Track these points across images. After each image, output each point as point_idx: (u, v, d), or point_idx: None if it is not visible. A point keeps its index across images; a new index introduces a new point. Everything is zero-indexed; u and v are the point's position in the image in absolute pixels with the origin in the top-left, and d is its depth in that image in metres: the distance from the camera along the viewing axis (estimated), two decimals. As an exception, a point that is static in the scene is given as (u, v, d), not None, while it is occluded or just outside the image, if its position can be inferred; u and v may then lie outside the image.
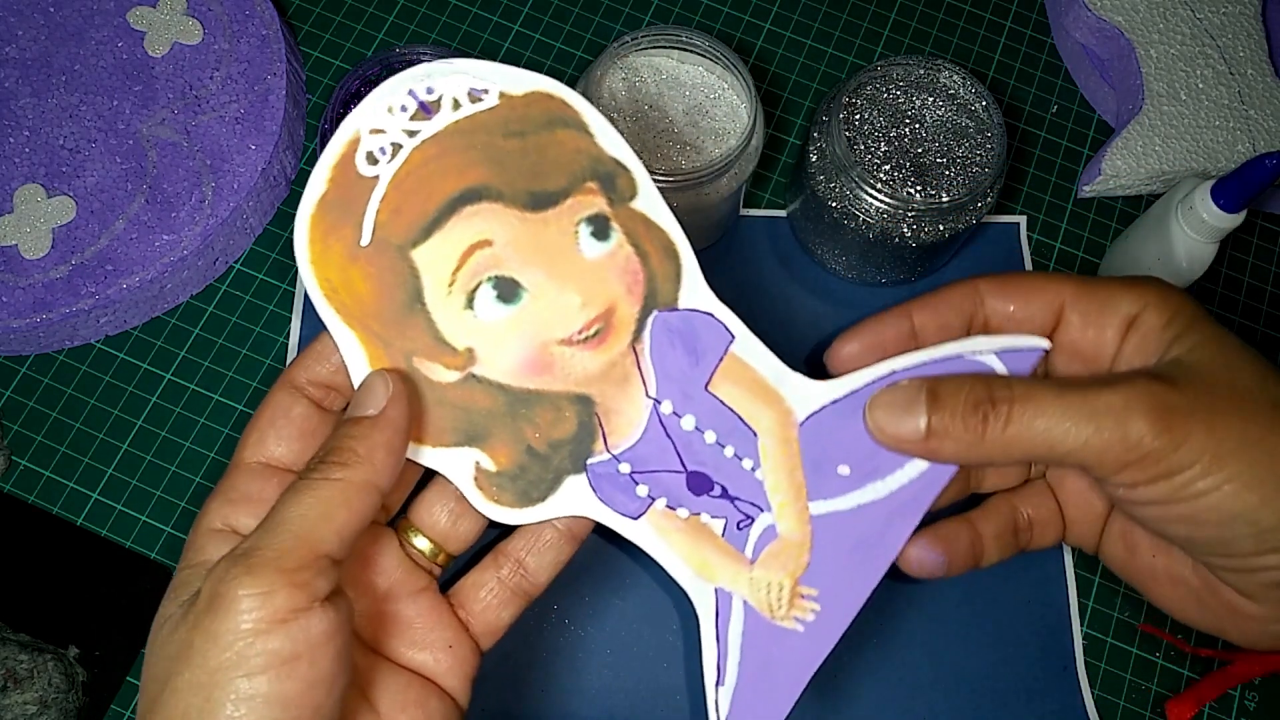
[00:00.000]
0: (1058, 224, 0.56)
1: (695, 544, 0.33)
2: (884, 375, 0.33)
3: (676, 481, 0.33)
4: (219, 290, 0.51)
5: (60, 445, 0.48)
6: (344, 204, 0.32)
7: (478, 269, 0.32)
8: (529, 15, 0.57)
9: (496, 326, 0.32)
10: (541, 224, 0.32)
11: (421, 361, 0.32)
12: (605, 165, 0.33)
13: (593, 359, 0.33)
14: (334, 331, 0.32)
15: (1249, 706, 0.48)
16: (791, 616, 0.33)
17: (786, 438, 0.33)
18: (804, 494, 0.33)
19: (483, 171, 0.32)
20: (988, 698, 0.46)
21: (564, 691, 0.46)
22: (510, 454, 0.32)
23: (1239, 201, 0.44)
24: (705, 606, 0.33)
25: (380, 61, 0.46)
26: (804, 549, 0.33)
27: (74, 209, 0.49)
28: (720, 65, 0.48)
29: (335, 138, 0.32)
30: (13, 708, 0.41)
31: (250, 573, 0.26)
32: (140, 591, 0.46)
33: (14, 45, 0.51)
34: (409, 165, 0.32)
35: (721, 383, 0.33)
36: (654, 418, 0.33)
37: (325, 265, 0.32)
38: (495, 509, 0.32)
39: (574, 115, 0.33)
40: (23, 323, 0.47)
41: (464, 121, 0.32)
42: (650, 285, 0.33)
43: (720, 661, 0.33)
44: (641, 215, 0.33)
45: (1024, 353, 0.32)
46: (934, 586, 0.48)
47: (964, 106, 0.48)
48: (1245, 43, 0.55)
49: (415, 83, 0.32)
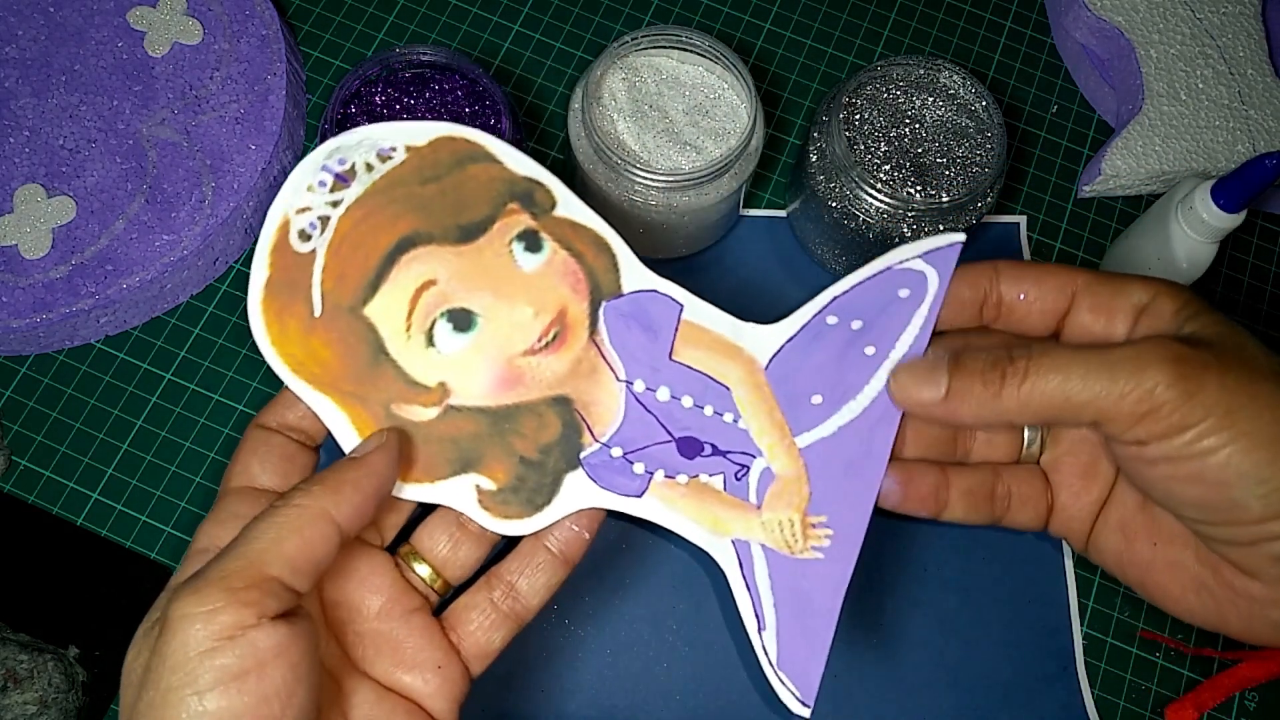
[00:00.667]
0: (1058, 224, 0.56)
1: (701, 504, 0.34)
2: (826, 304, 0.35)
3: (668, 451, 0.34)
4: (219, 290, 0.51)
5: (60, 445, 0.48)
6: (289, 283, 0.33)
7: (429, 308, 0.34)
8: (529, 15, 0.57)
9: (461, 356, 0.34)
10: (476, 252, 0.34)
11: (400, 407, 0.33)
12: (520, 185, 0.35)
13: (558, 361, 0.34)
14: (310, 401, 0.33)
15: (1249, 707, 0.48)
16: (809, 547, 0.34)
17: (757, 383, 0.35)
18: (788, 431, 0.35)
19: (410, 220, 0.34)
20: (988, 697, 0.46)
21: (564, 691, 0.46)
22: (506, 469, 0.34)
23: (1239, 201, 0.44)
24: (728, 560, 0.34)
25: (380, 61, 0.46)
26: (802, 481, 0.34)
27: (74, 209, 0.49)
28: (720, 65, 0.48)
29: (265, 225, 0.33)
30: (13, 708, 0.41)
31: (197, 593, 0.27)
32: (140, 591, 0.46)
33: (14, 45, 0.51)
34: (340, 232, 0.33)
35: (683, 349, 0.35)
36: (630, 398, 0.34)
37: (286, 343, 0.33)
38: (506, 524, 0.33)
39: (479, 149, 0.34)
40: (23, 323, 0.47)
41: (380, 181, 0.34)
42: (592, 280, 0.35)
43: (756, 607, 0.34)
44: (566, 220, 0.35)
45: (945, 250, 0.34)
46: (934, 587, 0.48)
47: (964, 106, 0.48)
48: (1245, 43, 0.55)
49: (326, 158, 0.34)
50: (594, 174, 0.46)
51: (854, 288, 0.35)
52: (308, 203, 0.33)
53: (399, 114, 0.47)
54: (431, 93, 0.47)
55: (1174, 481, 0.31)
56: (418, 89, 0.48)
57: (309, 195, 0.34)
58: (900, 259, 0.34)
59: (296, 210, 0.33)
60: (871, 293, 0.35)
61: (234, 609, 0.27)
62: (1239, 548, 0.31)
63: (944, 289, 0.34)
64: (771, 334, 0.35)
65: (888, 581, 0.48)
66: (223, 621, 0.27)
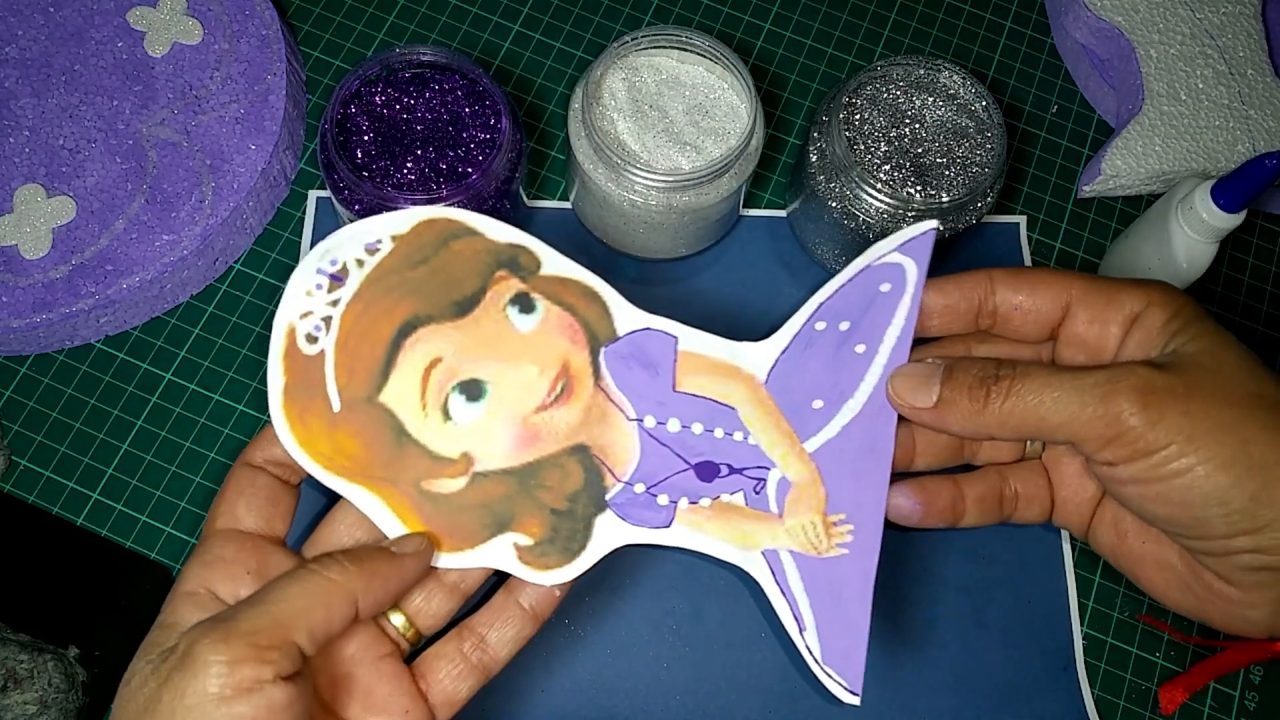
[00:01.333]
0: (1058, 224, 0.56)
1: (727, 523, 0.36)
2: (813, 311, 0.36)
3: (687, 478, 0.36)
4: (219, 290, 0.51)
5: (60, 445, 0.48)
6: (305, 385, 0.35)
7: (440, 384, 0.35)
8: (529, 15, 0.57)
9: (478, 424, 0.35)
10: (474, 323, 0.36)
11: (429, 483, 0.35)
12: (504, 252, 0.36)
13: (570, 411, 0.36)
14: (346, 493, 0.35)
15: (1249, 707, 0.48)
16: (834, 545, 0.36)
17: (760, 399, 0.36)
18: (796, 439, 0.36)
19: (407, 305, 0.35)
20: (988, 698, 0.46)
21: (564, 691, 0.46)
22: (539, 523, 0.35)
23: (1239, 201, 0.44)
24: (761, 572, 0.36)
25: (380, 61, 0.46)
26: (817, 484, 0.36)
27: (74, 209, 0.49)
28: (720, 65, 0.48)
29: (273, 336, 0.35)
30: (13, 708, 0.41)
31: (225, 640, 0.29)
32: (140, 591, 0.46)
33: (14, 45, 0.51)
34: (344, 329, 0.35)
35: (685, 379, 0.36)
36: (643, 435, 0.36)
37: (312, 442, 0.34)
38: (549, 575, 0.35)
39: (460, 225, 0.36)
40: (23, 323, 0.47)
41: (373, 273, 0.35)
42: (588, 329, 0.36)
43: (795, 611, 0.35)
44: (554, 277, 0.36)
45: (919, 239, 0.36)
46: (934, 587, 0.48)
47: (964, 106, 0.48)
48: (1245, 43, 0.55)
49: (318, 261, 0.35)
50: (594, 174, 0.46)
51: (837, 291, 0.36)
52: (308, 307, 0.35)
53: (399, 114, 0.47)
54: (431, 93, 0.47)
55: (1144, 500, 0.32)
56: (418, 89, 0.48)
57: (308, 300, 0.35)
58: (877, 255, 0.36)
59: (300, 315, 0.35)
60: (854, 293, 0.36)
61: (255, 665, 0.29)
62: (1212, 558, 0.33)
63: (923, 277, 0.35)
64: (766, 349, 0.37)
65: (888, 582, 0.48)
66: (244, 674, 0.28)
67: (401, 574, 0.33)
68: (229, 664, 0.28)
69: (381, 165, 0.46)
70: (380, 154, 0.46)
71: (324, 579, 0.31)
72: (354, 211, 0.45)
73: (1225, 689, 0.48)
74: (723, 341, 0.37)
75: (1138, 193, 0.55)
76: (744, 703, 0.46)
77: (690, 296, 0.52)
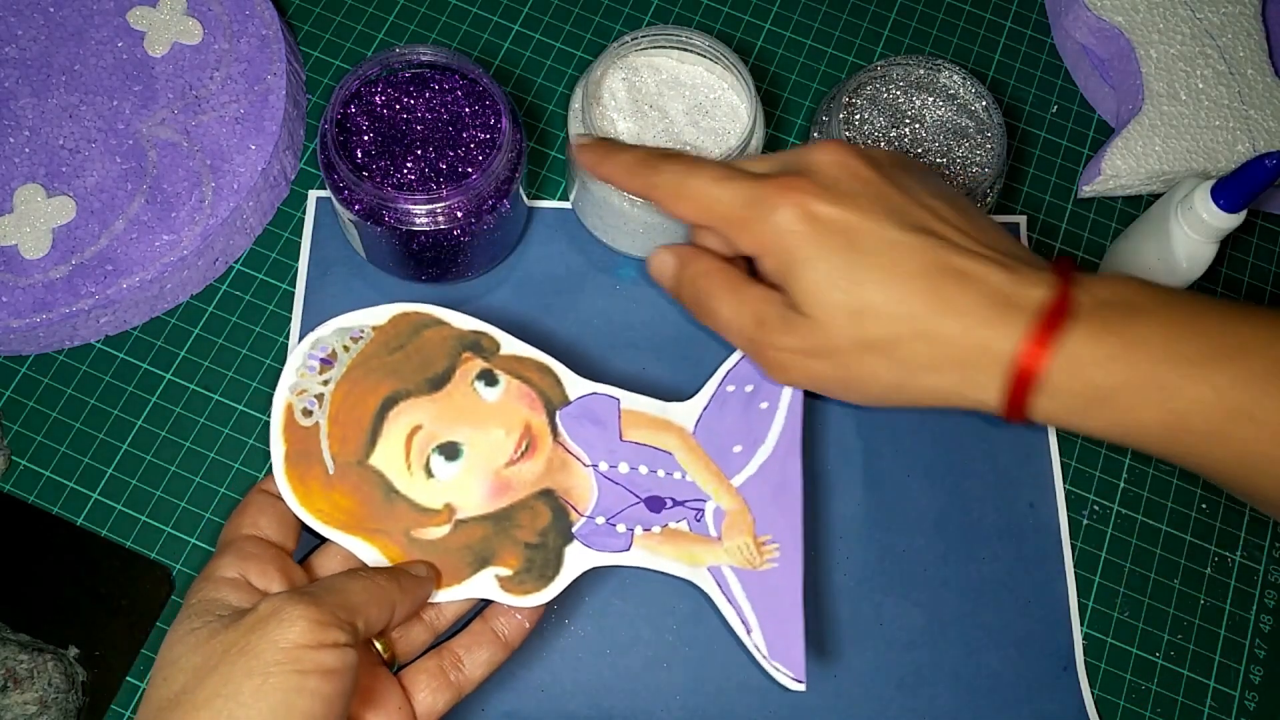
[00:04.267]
0: (1058, 224, 0.56)
1: (677, 545, 0.43)
2: (722, 378, 0.45)
3: (640, 510, 0.43)
4: (219, 290, 0.51)
5: (60, 445, 0.48)
6: (304, 453, 0.40)
7: (422, 448, 0.41)
8: (529, 15, 0.57)
9: (457, 480, 0.41)
10: (447, 397, 0.42)
11: (417, 531, 0.40)
12: (468, 338, 0.43)
13: (534, 464, 0.42)
14: (344, 544, 0.40)
15: (1249, 707, 0.48)
16: (765, 560, 0.43)
17: (690, 445, 0.44)
18: (723, 477, 0.44)
19: (388, 384, 0.42)
20: (988, 697, 0.46)
21: (564, 691, 0.46)
22: (516, 556, 0.41)
23: (1239, 201, 0.44)
24: (709, 585, 0.42)
25: (380, 61, 0.46)
26: (745, 512, 0.43)
27: (74, 209, 0.49)
28: (720, 65, 0.48)
29: (273, 411, 0.40)
30: (13, 708, 0.41)
31: (313, 605, 0.34)
32: (140, 591, 0.46)
33: (14, 45, 0.51)
34: (335, 404, 0.41)
35: (629, 430, 0.43)
36: (599, 477, 0.43)
37: (312, 501, 0.40)
38: (529, 598, 0.40)
39: (429, 317, 0.43)
40: (23, 323, 0.47)
41: (357, 358, 0.41)
42: (544, 397, 0.43)
43: (741, 616, 0.42)
44: (512, 356, 0.43)
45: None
46: (934, 586, 0.48)
47: (964, 106, 0.48)
48: (1245, 43, 0.55)
49: (309, 348, 0.41)
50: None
51: (740, 362, 0.44)
52: (304, 386, 0.41)
53: (399, 114, 0.47)
54: (431, 93, 0.47)
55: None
56: (418, 89, 0.48)
57: (302, 380, 0.41)
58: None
59: (296, 393, 0.41)
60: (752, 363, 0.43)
61: (335, 629, 0.33)
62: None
63: None
64: (690, 407, 0.44)
65: (887, 581, 0.48)
66: (327, 633, 0.33)
67: (424, 592, 0.39)
68: (316, 622, 0.33)
69: (381, 165, 0.46)
70: (380, 154, 0.46)
71: (377, 583, 0.36)
72: (354, 211, 0.45)
73: (1225, 689, 0.48)
74: (656, 402, 0.44)
75: (1138, 193, 0.55)
76: (744, 703, 0.46)
77: (690, 296, 0.52)
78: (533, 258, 0.52)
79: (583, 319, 0.51)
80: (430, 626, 0.41)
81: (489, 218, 0.46)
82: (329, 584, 0.36)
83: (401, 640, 0.41)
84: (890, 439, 0.50)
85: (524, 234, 0.52)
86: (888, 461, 0.50)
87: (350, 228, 0.47)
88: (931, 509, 0.49)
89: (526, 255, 0.52)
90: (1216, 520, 0.51)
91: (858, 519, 0.48)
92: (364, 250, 0.49)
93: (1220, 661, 0.48)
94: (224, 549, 0.38)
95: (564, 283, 0.52)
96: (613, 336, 0.51)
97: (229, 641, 0.33)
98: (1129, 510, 0.50)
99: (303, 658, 0.32)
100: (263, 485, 0.41)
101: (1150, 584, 0.49)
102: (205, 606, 0.35)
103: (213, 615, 0.34)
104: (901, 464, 0.50)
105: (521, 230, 0.52)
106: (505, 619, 0.41)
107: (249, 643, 0.32)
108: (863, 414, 0.50)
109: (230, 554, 0.37)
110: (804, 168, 0.39)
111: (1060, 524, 0.49)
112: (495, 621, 0.41)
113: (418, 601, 0.38)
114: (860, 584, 0.48)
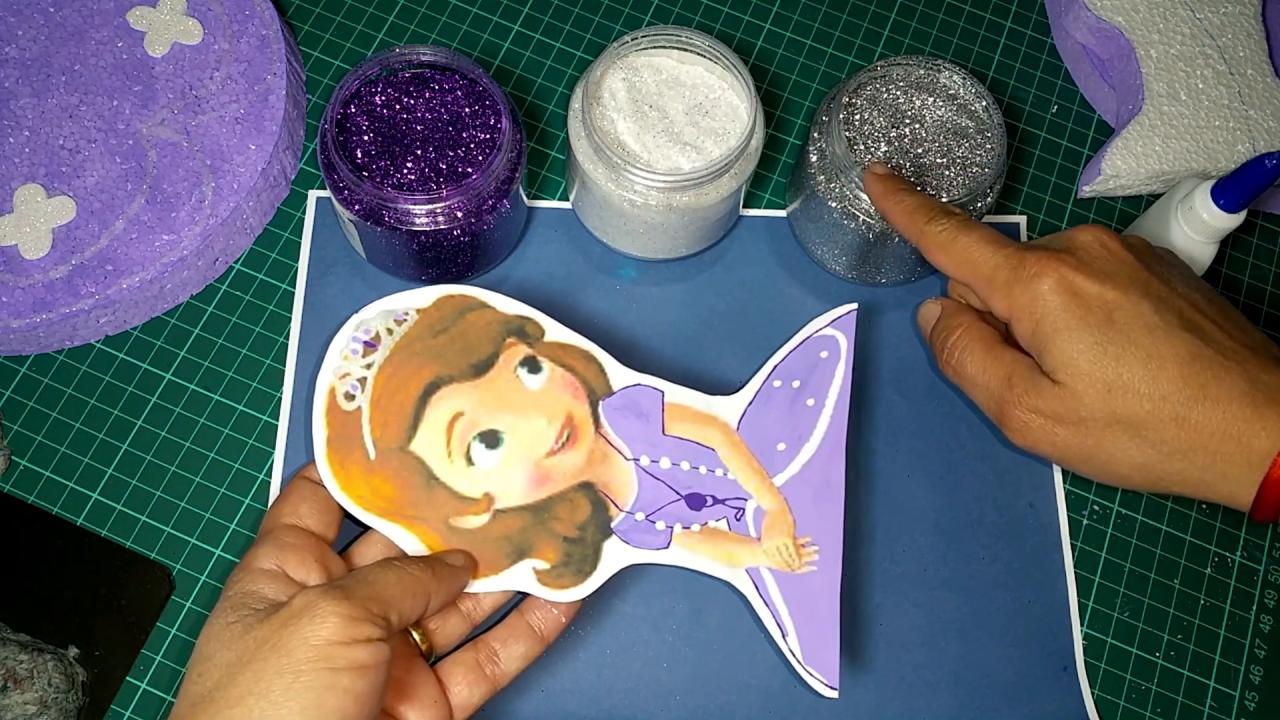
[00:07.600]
0: (1058, 224, 0.56)
1: (715, 545, 0.42)
2: (769, 373, 0.44)
3: (680, 507, 0.42)
4: (219, 290, 0.51)
5: (60, 445, 0.48)
6: (345, 438, 0.40)
7: (463, 435, 0.40)
8: (529, 15, 0.57)
9: (497, 468, 0.41)
10: (490, 383, 0.41)
11: (456, 519, 0.40)
12: (513, 323, 0.42)
13: (575, 455, 0.41)
14: (383, 530, 0.39)
15: (1249, 707, 0.48)
16: (804, 563, 0.42)
17: (734, 442, 0.43)
18: (765, 475, 0.43)
19: (431, 368, 0.41)
20: (988, 697, 0.46)
21: (564, 691, 0.46)
22: (554, 549, 0.40)
23: (1239, 201, 0.44)
24: (746, 586, 0.42)
25: (380, 61, 0.46)
26: (786, 512, 0.42)
27: (74, 209, 0.49)
28: (720, 65, 0.48)
29: (316, 395, 0.40)
30: (13, 708, 0.41)
31: (346, 600, 0.34)
32: (140, 591, 0.46)
33: (14, 45, 0.51)
34: (377, 389, 0.40)
35: (672, 425, 0.42)
36: (640, 472, 0.42)
37: (353, 487, 0.39)
38: (566, 593, 0.40)
39: (474, 300, 0.42)
40: (23, 323, 0.47)
41: (400, 340, 0.41)
42: (588, 386, 0.42)
43: (777, 619, 0.41)
44: (556, 343, 0.42)
45: (845, 316, 0.44)
46: (934, 586, 0.48)
47: (964, 106, 0.48)
48: (1245, 43, 0.55)
49: (354, 330, 0.41)
50: (594, 174, 0.46)
51: (787, 356, 0.44)
52: (346, 369, 0.40)
53: (399, 114, 0.47)
54: (431, 93, 0.47)
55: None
56: (418, 89, 0.48)
57: (346, 363, 0.40)
58: (816, 329, 0.44)
59: (339, 376, 0.40)
60: (800, 358, 0.44)
61: (368, 624, 0.33)
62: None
63: (852, 346, 0.44)
64: (735, 401, 0.43)
65: (888, 581, 0.48)
66: (360, 629, 0.33)
67: (460, 582, 0.38)
68: (349, 618, 0.33)
69: (381, 165, 0.46)
70: (380, 154, 0.46)
71: (411, 574, 0.36)
72: (354, 211, 0.45)
73: (1225, 689, 0.48)
74: (701, 395, 0.43)
75: (1138, 193, 0.55)
76: (744, 703, 0.46)
77: (690, 296, 0.52)
78: (533, 258, 0.52)
79: (582, 319, 0.51)
80: (467, 618, 0.41)
81: (489, 218, 0.46)
82: (362, 576, 0.36)
83: (438, 632, 0.41)
84: (890, 439, 0.50)
85: (524, 234, 0.52)
86: (888, 461, 0.50)
87: (350, 228, 0.47)
88: (931, 509, 0.49)
89: (526, 255, 0.52)
90: (1216, 520, 0.51)
91: (858, 519, 0.49)
92: (364, 250, 0.49)
93: (1220, 661, 0.48)
94: (263, 538, 0.38)
95: (564, 283, 0.52)
96: (612, 336, 0.51)
97: (262, 638, 0.33)
98: (1129, 510, 0.50)
99: (334, 655, 0.32)
100: (305, 472, 0.40)
101: (1150, 584, 0.49)
102: (241, 599, 0.35)
103: (248, 609, 0.34)
104: (901, 464, 0.50)
105: (521, 230, 0.52)
106: (542, 614, 0.41)
107: (281, 639, 0.33)
108: (863, 414, 0.50)
109: (269, 544, 0.37)
110: (1066, 245, 0.41)
111: (1060, 524, 0.49)
112: (531, 615, 0.41)
113: (453, 591, 0.38)
114: (860, 584, 0.48)
